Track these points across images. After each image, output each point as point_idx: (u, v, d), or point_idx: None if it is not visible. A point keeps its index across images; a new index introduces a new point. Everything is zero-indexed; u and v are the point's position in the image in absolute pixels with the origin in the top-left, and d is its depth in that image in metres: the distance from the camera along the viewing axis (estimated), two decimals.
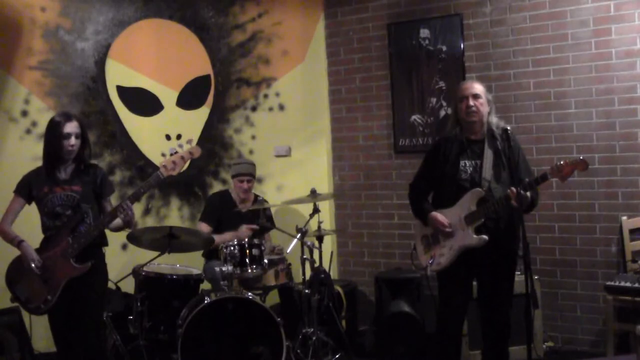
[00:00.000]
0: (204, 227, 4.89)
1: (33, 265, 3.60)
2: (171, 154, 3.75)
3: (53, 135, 3.65)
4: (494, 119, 3.77)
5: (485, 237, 3.65)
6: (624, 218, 4.64)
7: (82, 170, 3.74)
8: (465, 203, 3.70)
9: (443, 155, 3.80)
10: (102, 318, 3.95)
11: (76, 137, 3.66)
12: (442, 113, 5.25)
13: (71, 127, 3.64)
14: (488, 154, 3.70)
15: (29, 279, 3.65)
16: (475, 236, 3.67)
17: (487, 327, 3.83)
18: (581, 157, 3.55)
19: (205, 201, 5.23)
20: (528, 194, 3.55)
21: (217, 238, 4.69)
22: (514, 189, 3.50)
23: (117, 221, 3.72)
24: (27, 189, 3.73)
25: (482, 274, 3.79)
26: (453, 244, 3.74)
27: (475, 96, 3.73)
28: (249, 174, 4.97)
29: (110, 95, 5.25)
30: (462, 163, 3.75)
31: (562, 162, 3.51)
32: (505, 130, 3.62)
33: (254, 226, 4.80)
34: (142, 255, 4.45)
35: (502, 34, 5.03)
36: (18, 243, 3.67)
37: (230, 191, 5.08)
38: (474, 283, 3.88)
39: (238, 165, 5.05)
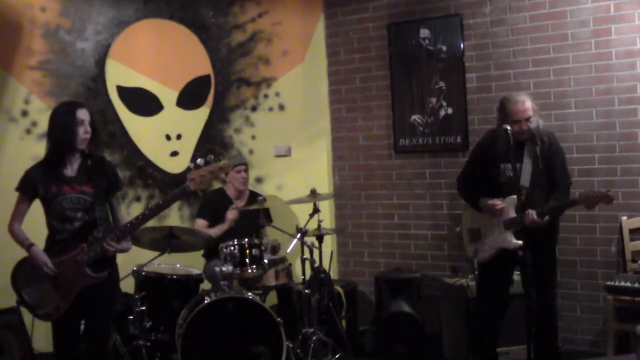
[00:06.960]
0: (201, 223, 4.95)
1: (46, 269, 3.40)
2: (199, 166, 3.33)
3: (64, 122, 3.41)
4: (537, 123, 3.86)
5: (521, 242, 3.70)
6: (624, 218, 4.64)
7: (89, 167, 3.51)
8: (504, 209, 3.86)
9: (488, 157, 3.94)
10: (109, 329, 3.94)
11: (89, 125, 3.46)
12: (442, 113, 5.25)
13: (84, 113, 3.46)
14: (527, 159, 3.81)
15: (39, 284, 3.47)
16: (514, 241, 3.81)
17: (534, 317, 3.67)
18: (609, 191, 3.69)
19: (202, 198, 5.25)
20: (547, 218, 3.71)
21: (211, 232, 4.76)
22: (535, 217, 3.67)
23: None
24: (31, 187, 3.51)
25: (522, 266, 3.77)
26: (493, 244, 3.91)
27: (528, 119, 3.81)
28: (245, 163, 5.12)
29: (110, 95, 5.24)
30: (502, 166, 3.87)
31: (590, 193, 3.69)
32: (548, 135, 3.73)
33: (237, 207, 4.89)
34: (142, 255, 4.44)
35: (502, 34, 5.02)
36: (28, 246, 3.46)
37: (225, 189, 5.12)
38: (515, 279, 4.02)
39: (233, 158, 5.15)
